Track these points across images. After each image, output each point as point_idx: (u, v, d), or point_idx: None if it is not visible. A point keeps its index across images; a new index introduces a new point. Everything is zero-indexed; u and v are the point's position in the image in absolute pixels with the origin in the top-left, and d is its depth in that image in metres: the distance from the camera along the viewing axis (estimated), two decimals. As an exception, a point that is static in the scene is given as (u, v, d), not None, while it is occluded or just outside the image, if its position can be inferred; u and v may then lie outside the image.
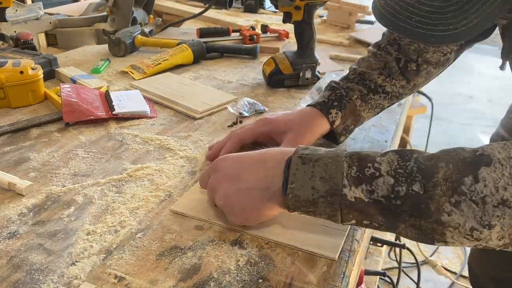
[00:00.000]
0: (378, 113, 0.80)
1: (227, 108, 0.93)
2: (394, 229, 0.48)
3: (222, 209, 0.57)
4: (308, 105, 0.76)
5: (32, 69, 0.94)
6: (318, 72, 1.08)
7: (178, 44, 1.26)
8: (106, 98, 0.94)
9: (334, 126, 0.74)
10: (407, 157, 0.48)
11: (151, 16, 1.59)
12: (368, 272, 1.31)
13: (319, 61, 1.08)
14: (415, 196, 0.45)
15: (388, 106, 0.81)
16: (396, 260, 1.69)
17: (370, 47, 0.83)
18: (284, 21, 1.05)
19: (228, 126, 0.88)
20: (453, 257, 2.05)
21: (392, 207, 0.46)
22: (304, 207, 0.50)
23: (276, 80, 1.06)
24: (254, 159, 0.56)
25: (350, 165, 0.48)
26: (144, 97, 0.97)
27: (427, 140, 2.17)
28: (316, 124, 0.73)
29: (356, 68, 0.79)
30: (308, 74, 1.06)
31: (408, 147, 1.93)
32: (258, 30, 1.47)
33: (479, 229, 0.44)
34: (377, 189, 0.47)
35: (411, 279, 1.78)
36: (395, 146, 0.89)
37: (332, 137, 0.77)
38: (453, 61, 0.82)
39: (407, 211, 0.46)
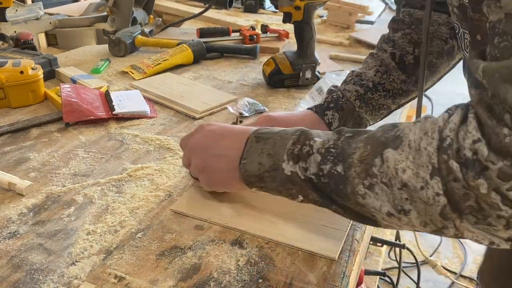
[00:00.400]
0: (385, 115, 0.78)
1: (227, 108, 0.93)
2: (330, 207, 0.51)
3: (196, 170, 0.61)
4: (307, 108, 0.76)
5: (32, 69, 0.94)
6: (318, 72, 1.08)
7: (178, 44, 1.26)
8: (106, 98, 0.94)
9: (332, 128, 0.74)
10: (342, 136, 0.49)
11: (151, 16, 1.59)
12: (368, 272, 1.31)
13: (319, 61, 1.08)
14: (336, 176, 0.47)
15: (397, 107, 0.79)
16: (396, 260, 1.69)
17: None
18: (284, 21, 1.04)
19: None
20: (453, 257, 2.05)
21: (320, 185, 0.49)
22: (255, 182, 0.55)
23: (276, 80, 1.06)
24: (234, 131, 0.60)
25: (295, 142, 0.51)
26: (144, 97, 0.97)
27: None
28: (314, 127, 0.72)
29: (354, 71, 0.78)
30: (308, 74, 1.06)
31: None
32: (258, 30, 1.47)
33: (395, 214, 0.44)
34: (310, 167, 0.49)
35: (411, 279, 1.79)
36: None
37: None
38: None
39: (333, 190, 0.48)
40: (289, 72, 1.06)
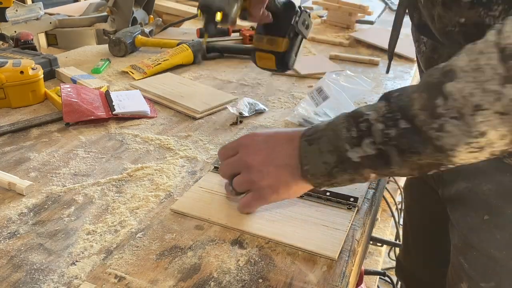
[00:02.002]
0: None
1: (227, 108, 0.93)
2: (408, 173, 0.50)
3: (248, 186, 0.58)
4: None
5: (32, 69, 0.94)
6: (303, 10, 0.89)
7: (178, 44, 1.26)
8: (106, 98, 0.94)
9: None
10: (391, 97, 0.49)
11: (151, 16, 1.60)
12: (368, 272, 1.31)
13: (294, 2, 0.89)
14: (407, 132, 0.47)
15: None
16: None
17: None
18: (244, 18, 0.85)
19: (230, 125, 0.88)
20: (453, 257, 2.05)
21: (392, 151, 0.48)
22: (325, 182, 0.53)
23: (285, 62, 0.89)
24: (282, 137, 0.58)
25: (349, 128, 0.51)
26: (144, 97, 0.97)
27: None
28: None
29: None
30: (302, 24, 0.88)
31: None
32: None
33: (473, 141, 0.44)
34: (375, 138, 0.48)
35: (411, 279, 1.78)
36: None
37: None
38: None
39: (406, 150, 0.47)
40: (286, 46, 0.87)
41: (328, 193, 0.63)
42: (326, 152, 0.52)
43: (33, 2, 1.81)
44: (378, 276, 1.57)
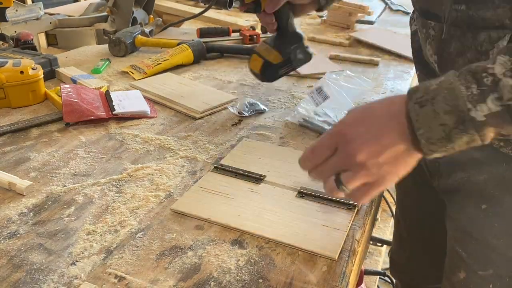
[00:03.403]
0: None
1: (227, 108, 0.93)
2: None
3: (368, 176, 0.51)
4: None
5: (32, 69, 0.94)
6: (307, 47, 0.96)
7: (178, 44, 1.26)
8: (106, 98, 0.94)
9: None
10: None
11: (151, 16, 1.60)
12: (368, 272, 1.31)
13: (304, 35, 0.97)
14: None
15: None
16: (396, 260, 1.69)
17: None
18: (255, 10, 0.91)
19: (232, 125, 0.88)
20: (453, 257, 2.05)
21: None
22: (441, 147, 0.49)
23: (269, 73, 0.95)
24: (383, 114, 0.52)
25: (468, 85, 0.47)
26: (144, 97, 0.97)
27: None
28: None
29: None
30: (300, 54, 0.94)
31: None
32: (258, 30, 1.47)
33: None
34: (503, 94, 0.45)
35: (411, 279, 1.78)
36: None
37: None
38: None
39: None
40: (279, 61, 0.93)
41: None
42: (443, 113, 0.47)
43: (33, 2, 1.81)
44: (378, 276, 1.57)
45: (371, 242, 1.42)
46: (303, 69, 1.16)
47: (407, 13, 1.84)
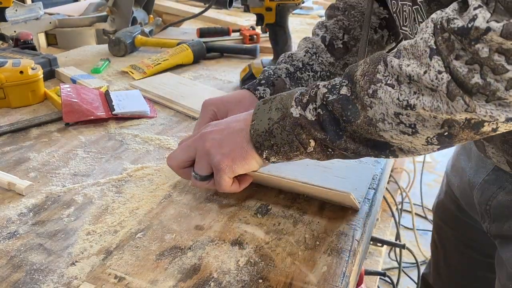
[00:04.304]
0: None
1: (227, 108, 0.93)
2: (340, 143, 0.50)
3: (210, 152, 0.57)
4: (241, 88, 0.76)
5: (32, 69, 0.94)
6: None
7: (178, 44, 1.26)
8: (106, 98, 0.94)
9: None
10: (348, 69, 0.51)
11: (151, 16, 1.60)
12: (368, 272, 1.31)
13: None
14: (343, 99, 0.48)
15: None
16: (396, 260, 1.69)
17: None
18: (257, 23, 0.98)
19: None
20: (453, 257, 2.05)
21: (327, 117, 0.50)
22: (265, 141, 0.54)
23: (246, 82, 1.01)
24: (240, 116, 0.59)
25: (303, 93, 0.53)
26: (144, 97, 0.97)
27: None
28: (249, 103, 0.72)
29: (286, 53, 0.78)
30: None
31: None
32: (258, 30, 1.47)
33: (402, 112, 0.44)
34: (317, 102, 0.51)
35: (411, 279, 1.79)
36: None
37: None
38: (395, 43, 0.80)
39: (341, 116, 0.49)
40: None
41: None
42: (274, 110, 0.53)
43: (33, 2, 1.81)
44: (378, 276, 1.57)
45: (371, 242, 1.42)
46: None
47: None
